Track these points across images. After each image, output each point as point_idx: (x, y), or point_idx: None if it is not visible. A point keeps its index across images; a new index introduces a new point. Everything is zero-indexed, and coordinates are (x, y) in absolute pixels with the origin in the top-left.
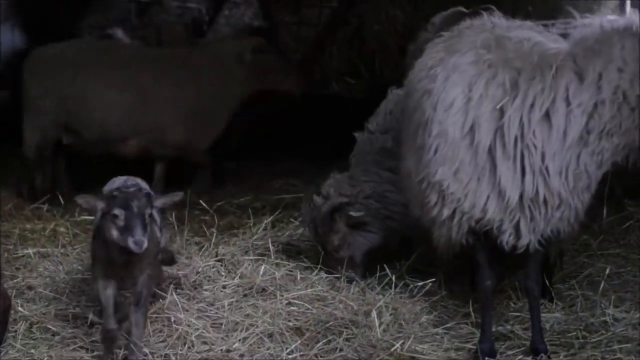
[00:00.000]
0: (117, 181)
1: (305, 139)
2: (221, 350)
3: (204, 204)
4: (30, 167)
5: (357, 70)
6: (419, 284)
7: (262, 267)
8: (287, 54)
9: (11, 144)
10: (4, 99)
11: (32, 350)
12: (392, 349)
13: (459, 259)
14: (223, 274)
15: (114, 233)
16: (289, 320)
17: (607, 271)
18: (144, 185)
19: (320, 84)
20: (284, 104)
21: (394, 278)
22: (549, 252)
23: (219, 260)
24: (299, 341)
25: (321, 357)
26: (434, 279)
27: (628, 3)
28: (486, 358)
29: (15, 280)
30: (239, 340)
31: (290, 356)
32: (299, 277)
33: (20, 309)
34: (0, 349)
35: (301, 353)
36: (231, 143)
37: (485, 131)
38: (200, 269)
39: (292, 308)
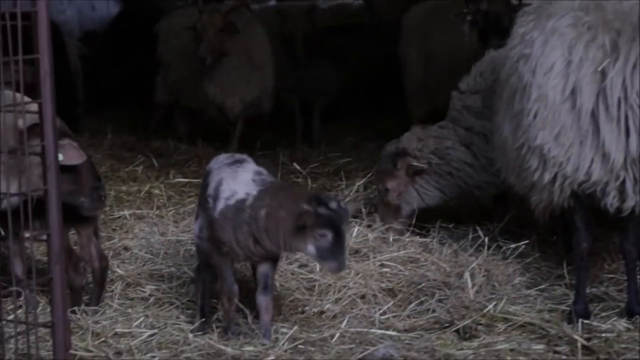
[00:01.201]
0: (221, 157)
1: (403, 99)
2: (314, 312)
3: (297, 166)
4: None
5: None
6: (512, 245)
7: (355, 229)
8: (382, 17)
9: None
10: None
11: (129, 310)
12: (485, 310)
13: (553, 221)
14: None
15: (311, 249)
16: (382, 282)
17: None
18: (251, 162)
19: None
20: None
21: (486, 240)
22: None
23: None
24: (392, 302)
25: (413, 318)
26: (527, 241)
27: None
28: (580, 319)
29: (112, 242)
30: (332, 301)
31: (382, 317)
32: (391, 239)
33: (116, 269)
34: (98, 309)
35: (394, 314)
36: None
37: (587, 94)
38: None
39: (385, 269)
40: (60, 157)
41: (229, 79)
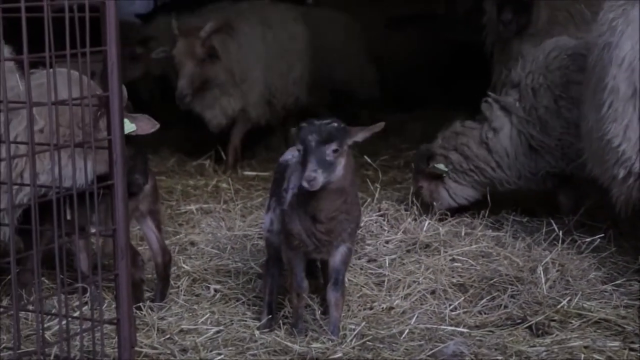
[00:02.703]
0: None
1: (473, 88)
2: (383, 307)
3: (367, 159)
4: None
5: None
6: (587, 239)
7: (426, 223)
8: (457, 3)
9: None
10: None
11: (195, 306)
12: (559, 306)
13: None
14: (386, 229)
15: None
16: (453, 277)
17: None
18: None
19: None
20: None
21: (561, 234)
22: None
23: (381, 215)
24: (462, 298)
25: (485, 314)
26: (602, 235)
27: None
28: None
29: (178, 237)
30: (401, 297)
31: (453, 313)
32: (463, 233)
33: (182, 265)
34: (164, 305)
35: (464, 310)
36: None
37: None
38: (362, 224)
39: (456, 264)
40: (134, 127)
41: (211, 93)
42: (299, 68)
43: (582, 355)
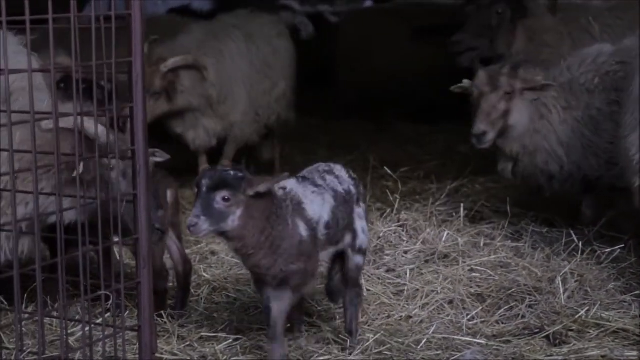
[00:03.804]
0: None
1: None
2: (401, 316)
3: (388, 170)
4: None
5: None
6: (607, 250)
7: (445, 233)
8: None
9: None
10: None
11: (214, 315)
12: (577, 316)
13: None
14: (405, 239)
15: None
16: (471, 287)
17: None
18: (338, 170)
19: None
20: None
21: (580, 244)
22: None
23: (400, 226)
24: (480, 308)
25: (502, 323)
26: (622, 245)
27: None
28: None
29: (199, 246)
30: (419, 307)
31: (470, 323)
32: (482, 244)
33: (203, 274)
34: (184, 313)
35: (482, 319)
36: None
37: None
38: (381, 234)
39: (474, 274)
40: None
41: (191, 114)
42: (283, 85)
43: None
